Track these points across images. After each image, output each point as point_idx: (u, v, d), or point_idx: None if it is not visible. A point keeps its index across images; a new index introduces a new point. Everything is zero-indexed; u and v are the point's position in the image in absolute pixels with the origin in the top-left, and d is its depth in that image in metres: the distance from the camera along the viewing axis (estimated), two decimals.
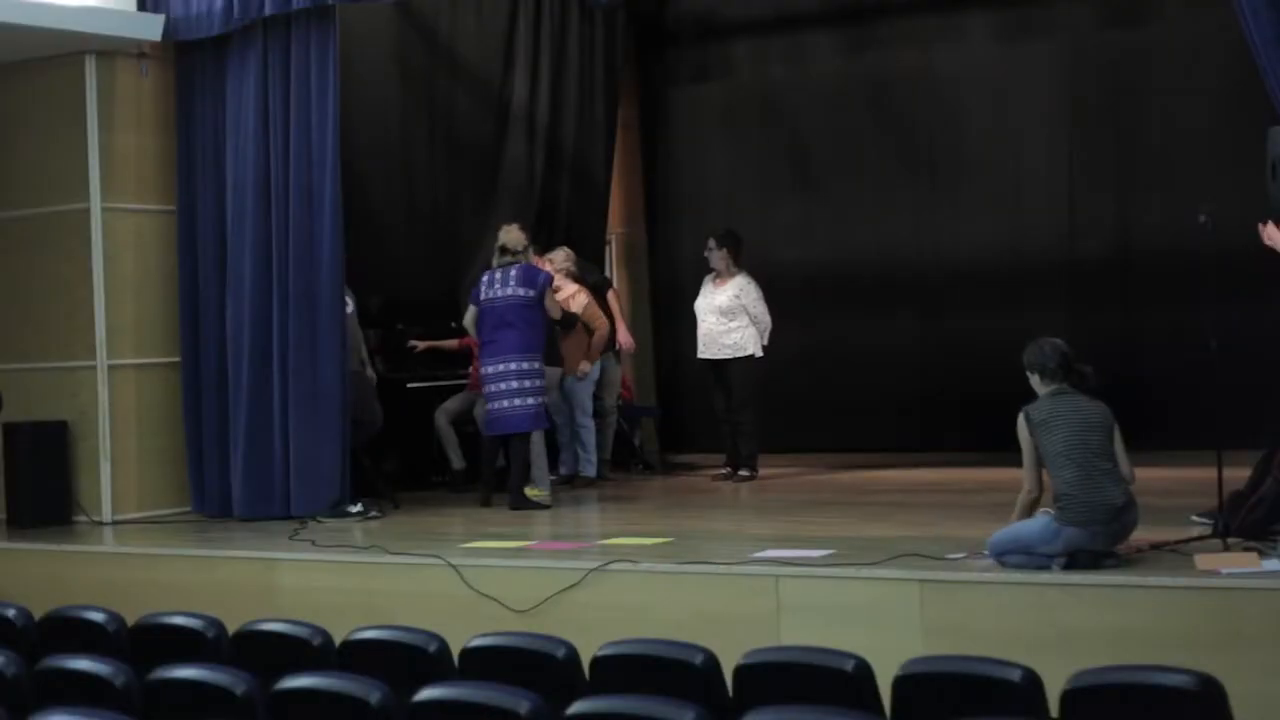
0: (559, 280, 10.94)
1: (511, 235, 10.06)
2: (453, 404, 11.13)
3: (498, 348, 9.87)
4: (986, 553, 6.86)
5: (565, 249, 11.48)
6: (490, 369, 9.90)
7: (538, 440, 10.27)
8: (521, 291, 9.85)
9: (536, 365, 9.92)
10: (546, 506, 9.86)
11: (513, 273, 9.90)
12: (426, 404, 11.27)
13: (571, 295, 11.11)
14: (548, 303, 10.01)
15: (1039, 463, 6.80)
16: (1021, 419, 6.81)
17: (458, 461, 11.06)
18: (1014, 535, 6.75)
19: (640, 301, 13.52)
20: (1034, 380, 6.89)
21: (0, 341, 10.46)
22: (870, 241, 12.80)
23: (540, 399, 9.97)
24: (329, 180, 9.88)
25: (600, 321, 11.20)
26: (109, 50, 10.15)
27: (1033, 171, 12.24)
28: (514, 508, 9.84)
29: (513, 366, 9.83)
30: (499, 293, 9.88)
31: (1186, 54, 11.53)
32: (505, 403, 9.85)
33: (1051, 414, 6.74)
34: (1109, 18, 12.06)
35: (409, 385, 11.41)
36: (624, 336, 11.68)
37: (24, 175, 10.44)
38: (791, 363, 12.19)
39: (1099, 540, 6.61)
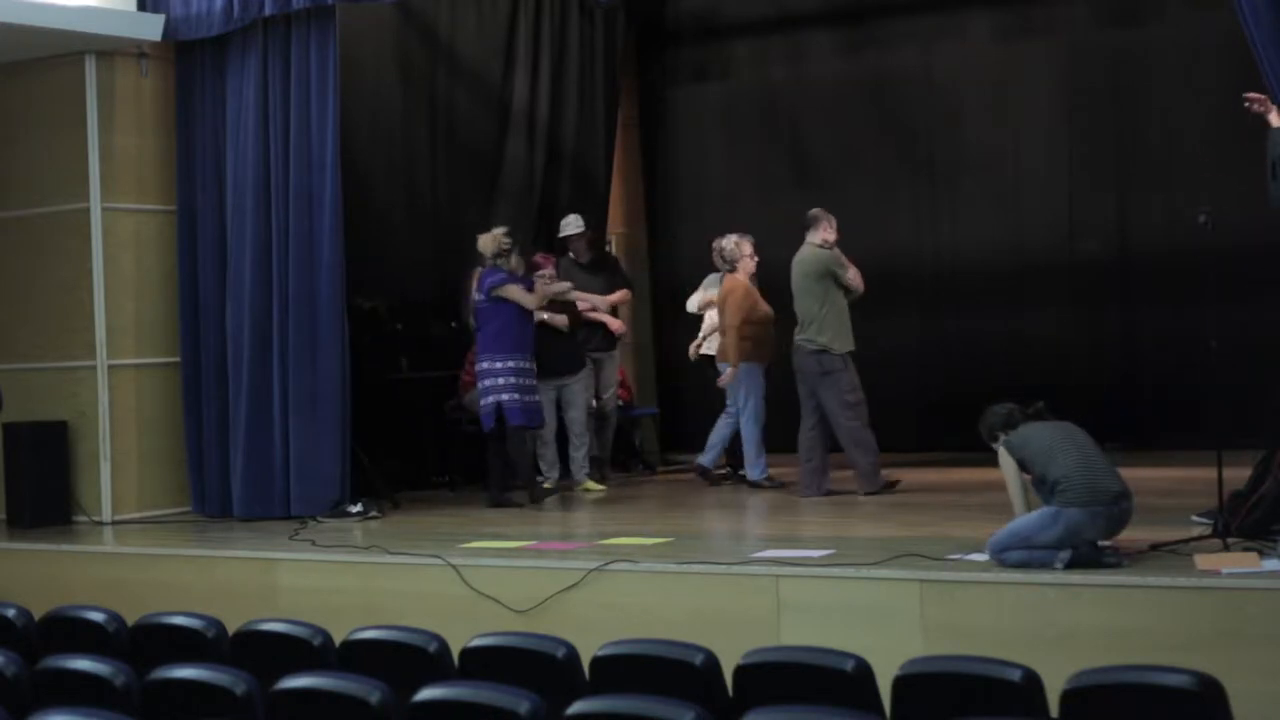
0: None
1: (480, 241, 10.14)
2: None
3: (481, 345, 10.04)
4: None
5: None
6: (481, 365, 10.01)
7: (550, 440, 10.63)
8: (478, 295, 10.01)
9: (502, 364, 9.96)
10: (521, 505, 9.89)
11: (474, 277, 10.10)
12: (424, 402, 11.30)
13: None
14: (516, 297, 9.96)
15: (1025, 489, 6.92)
16: (1001, 449, 6.93)
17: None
18: (1012, 530, 6.76)
19: (641, 301, 13.50)
20: (1000, 440, 7.00)
21: (0, 341, 10.46)
22: (870, 241, 12.74)
23: (514, 395, 9.90)
24: (329, 180, 9.88)
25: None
26: (109, 50, 10.15)
27: (1033, 171, 12.24)
28: (493, 505, 9.96)
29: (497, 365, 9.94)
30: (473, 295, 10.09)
31: (1186, 54, 11.53)
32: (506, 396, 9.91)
33: (1028, 435, 6.90)
34: (1109, 17, 12.06)
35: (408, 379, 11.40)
36: (614, 323, 11.56)
37: (24, 175, 10.44)
38: (791, 363, 12.15)
39: (1099, 524, 6.63)
